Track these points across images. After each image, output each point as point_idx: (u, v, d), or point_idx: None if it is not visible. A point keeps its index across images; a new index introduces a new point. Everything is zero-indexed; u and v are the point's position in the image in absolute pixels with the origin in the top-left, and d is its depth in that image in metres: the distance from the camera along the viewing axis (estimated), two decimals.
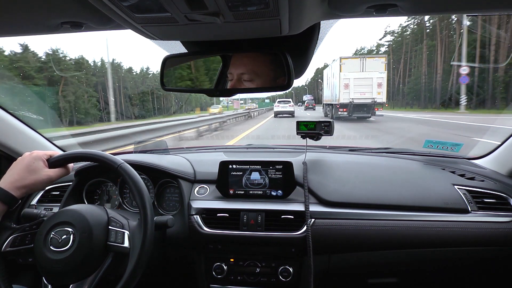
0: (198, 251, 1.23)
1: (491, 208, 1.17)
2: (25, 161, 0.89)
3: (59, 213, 0.90)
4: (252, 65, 0.87)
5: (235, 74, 0.87)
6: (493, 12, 0.79)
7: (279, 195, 1.24)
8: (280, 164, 1.24)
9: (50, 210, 1.04)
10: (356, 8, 0.68)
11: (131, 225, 0.92)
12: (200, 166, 1.38)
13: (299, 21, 0.67)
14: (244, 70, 0.87)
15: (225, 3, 0.55)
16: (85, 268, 0.84)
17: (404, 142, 8.26)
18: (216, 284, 1.23)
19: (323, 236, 1.13)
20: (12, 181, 0.86)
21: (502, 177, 1.32)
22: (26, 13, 0.72)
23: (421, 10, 0.73)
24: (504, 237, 1.11)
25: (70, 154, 0.96)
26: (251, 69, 0.87)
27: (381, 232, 1.13)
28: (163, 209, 1.34)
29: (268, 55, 0.87)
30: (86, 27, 0.80)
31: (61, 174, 0.95)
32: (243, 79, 0.87)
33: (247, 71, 0.87)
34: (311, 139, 1.40)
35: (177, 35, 0.76)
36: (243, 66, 0.87)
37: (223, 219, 1.19)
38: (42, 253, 0.83)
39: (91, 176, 1.34)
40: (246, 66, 0.87)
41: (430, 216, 1.14)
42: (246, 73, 0.87)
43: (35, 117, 1.66)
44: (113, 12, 0.59)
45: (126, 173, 0.92)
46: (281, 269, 1.18)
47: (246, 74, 0.87)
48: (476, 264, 1.19)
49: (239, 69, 0.87)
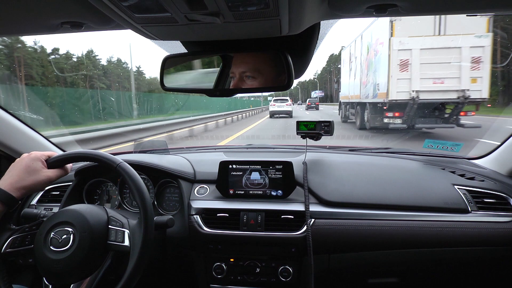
0: (198, 251, 1.23)
1: (491, 208, 1.17)
2: (24, 162, 0.89)
3: (59, 213, 0.90)
4: (254, 63, 0.87)
5: (237, 72, 0.87)
6: (493, 12, 0.79)
7: (279, 195, 1.24)
8: (280, 164, 1.24)
9: (50, 210, 1.04)
10: (356, 8, 0.68)
11: (131, 224, 0.92)
12: (200, 166, 1.38)
13: (299, 21, 0.67)
14: (245, 68, 0.87)
15: (225, 3, 0.55)
16: (85, 268, 0.84)
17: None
18: (216, 284, 1.23)
19: (323, 236, 1.13)
20: (12, 182, 0.86)
21: (502, 177, 1.32)
22: (26, 13, 0.72)
23: (421, 10, 0.73)
24: (504, 237, 1.11)
25: (68, 154, 0.96)
26: (253, 67, 0.87)
27: (381, 232, 1.13)
28: (163, 209, 1.34)
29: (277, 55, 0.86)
30: (86, 27, 0.80)
31: (60, 175, 0.95)
32: (245, 76, 0.87)
33: (249, 69, 0.87)
34: (311, 139, 1.40)
35: (177, 35, 0.76)
36: (244, 64, 0.87)
37: (223, 219, 1.19)
38: (42, 253, 0.83)
39: (91, 176, 1.34)
40: (248, 64, 0.87)
41: (430, 216, 1.15)
42: (248, 71, 0.87)
43: (35, 117, 1.66)
44: (113, 12, 0.59)
45: (125, 173, 0.92)
46: (281, 269, 1.18)
47: (248, 72, 0.87)
48: (476, 264, 1.19)
49: (241, 68, 0.87)
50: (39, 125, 1.56)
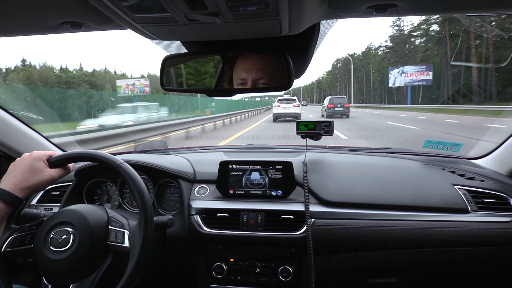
0: (198, 251, 1.23)
1: (491, 208, 1.17)
2: (27, 162, 0.89)
3: (59, 213, 0.90)
4: (268, 69, 0.85)
5: (250, 79, 0.84)
6: (493, 12, 0.79)
7: (279, 195, 1.24)
8: (280, 164, 1.24)
9: (50, 210, 1.04)
10: (356, 8, 0.68)
11: (131, 225, 0.92)
12: (200, 166, 1.38)
13: (299, 21, 0.67)
14: (261, 75, 0.84)
15: (225, 3, 0.55)
16: (85, 268, 0.84)
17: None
18: (216, 284, 1.23)
19: (323, 236, 1.13)
20: (16, 182, 0.86)
21: (502, 177, 1.32)
22: (26, 13, 0.72)
23: (421, 10, 0.73)
24: (504, 237, 1.11)
25: (70, 154, 0.96)
26: (268, 73, 0.85)
27: (381, 232, 1.13)
28: (163, 209, 1.34)
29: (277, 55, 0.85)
30: (86, 27, 0.80)
31: (62, 174, 0.96)
32: (260, 83, 0.84)
33: (264, 76, 0.84)
34: (311, 139, 1.40)
35: (177, 35, 0.76)
36: (259, 71, 0.84)
37: (223, 219, 1.19)
38: (42, 253, 0.83)
39: (91, 176, 1.34)
40: (262, 71, 0.85)
41: (430, 216, 1.15)
42: (264, 78, 0.84)
43: (35, 116, 1.66)
44: (113, 12, 0.60)
45: (126, 173, 0.92)
46: (281, 269, 1.18)
47: (264, 79, 0.84)
48: (476, 264, 1.19)
49: (255, 74, 0.84)
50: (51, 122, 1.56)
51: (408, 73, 36.07)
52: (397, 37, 52.43)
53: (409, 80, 35.98)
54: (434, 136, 9.12)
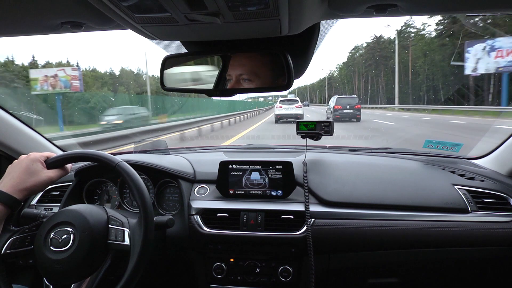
0: (198, 251, 1.23)
1: (491, 208, 1.17)
2: (24, 163, 0.89)
3: (59, 213, 0.90)
4: (251, 66, 0.87)
5: (234, 75, 0.87)
6: (493, 12, 0.80)
7: (279, 195, 1.24)
8: (280, 164, 1.24)
9: (50, 210, 1.04)
10: (356, 8, 0.68)
11: (131, 223, 0.92)
12: (200, 166, 1.38)
13: (299, 21, 0.67)
14: (242, 71, 0.87)
15: (225, 3, 0.55)
16: (86, 267, 0.84)
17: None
18: (216, 284, 1.23)
19: (323, 236, 1.13)
20: (14, 184, 0.86)
21: (502, 177, 1.32)
22: (26, 13, 0.72)
23: (420, 10, 0.73)
24: (504, 237, 1.11)
25: (67, 154, 0.96)
26: (250, 69, 0.87)
27: (381, 232, 1.13)
28: (163, 209, 1.34)
29: (267, 55, 0.86)
30: (86, 27, 0.80)
31: (61, 175, 0.95)
32: (242, 79, 0.87)
33: (245, 72, 0.87)
34: (311, 139, 1.40)
35: (177, 35, 0.76)
36: (241, 67, 0.87)
37: (223, 219, 1.19)
38: (42, 253, 0.83)
39: (91, 176, 1.34)
40: (244, 67, 0.87)
41: (430, 216, 1.14)
42: (245, 74, 0.87)
43: (35, 117, 1.66)
44: (113, 12, 0.60)
45: (125, 172, 0.92)
46: (281, 269, 1.18)
47: (245, 75, 0.87)
48: (476, 264, 1.19)
49: (237, 70, 0.87)
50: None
51: (504, 50, 18.33)
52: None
53: (506, 62, 18.34)
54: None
